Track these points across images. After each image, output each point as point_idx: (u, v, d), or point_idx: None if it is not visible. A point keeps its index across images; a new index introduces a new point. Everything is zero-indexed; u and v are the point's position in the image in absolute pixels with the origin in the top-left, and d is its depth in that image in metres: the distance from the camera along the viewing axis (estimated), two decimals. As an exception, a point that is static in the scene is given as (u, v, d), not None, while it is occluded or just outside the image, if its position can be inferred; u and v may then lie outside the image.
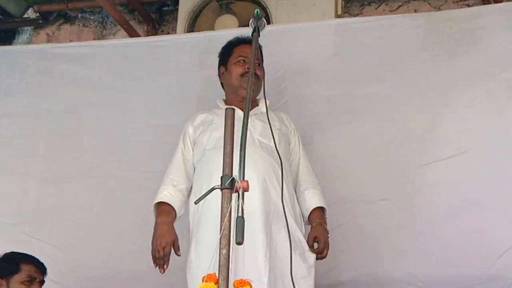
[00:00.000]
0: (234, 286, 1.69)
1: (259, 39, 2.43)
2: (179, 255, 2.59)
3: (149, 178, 3.57)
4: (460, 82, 3.40)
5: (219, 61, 3.03)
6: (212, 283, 1.64)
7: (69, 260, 3.58)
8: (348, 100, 3.51)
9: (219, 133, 2.51)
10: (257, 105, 2.90)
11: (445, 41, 3.51)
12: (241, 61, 2.88)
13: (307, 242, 2.64)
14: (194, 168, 2.79)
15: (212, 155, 2.59)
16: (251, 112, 2.75)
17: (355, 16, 4.22)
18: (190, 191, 2.76)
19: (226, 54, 2.98)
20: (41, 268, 2.94)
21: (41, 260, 2.97)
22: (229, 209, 1.67)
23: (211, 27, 4.09)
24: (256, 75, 2.77)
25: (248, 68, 2.80)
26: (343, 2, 4.03)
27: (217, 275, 1.63)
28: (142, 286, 3.43)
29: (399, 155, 3.35)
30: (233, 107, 1.94)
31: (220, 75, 3.01)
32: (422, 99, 3.43)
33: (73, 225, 3.67)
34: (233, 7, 4.12)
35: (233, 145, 1.84)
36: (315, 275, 2.60)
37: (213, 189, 1.82)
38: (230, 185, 1.72)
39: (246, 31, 2.55)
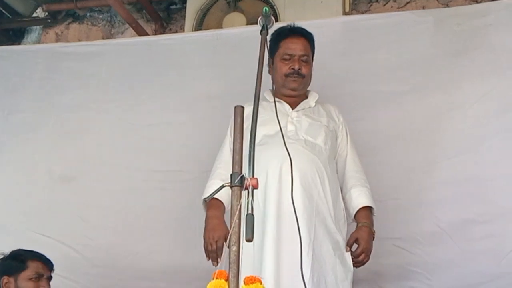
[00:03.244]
0: (244, 283, 1.69)
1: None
2: None
3: (158, 177, 3.62)
4: (469, 79, 3.39)
5: (269, 51, 2.79)
6: (223, 280, 1.65)
7: (78, 257, 3.60)
8: (355, 97, 3.50)
9: (265, 129, 2.55)
10: (306, 97, 2.87)
11: (453, 38, 3.50)
12: (287, 59, 2.78)
13: (348, 241, 2.61)
14: None
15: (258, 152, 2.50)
16: (298, 107, 2.79)
17: (363, 13, 4.21)
18: None
19: (274, 46, 2.83)
20: (48, 265, 2.95)
21: (50, 257, 2.97)
22: (238, 207, 1.68)
23: (219, 25, 4.10)
24: (300, 74, 2.76)
25: (292, 68, 2.74)
26: (350, -1, 4.04)
27: (227, 271, 1.64)
28: (154, 285, 3.46)
29: (406, 153, 3.34)
30: (242, 105, 1.91)
31: (268, 66, 2.87)
32: (429, 96, 3.42)
33: (81, 222, 3.68)
34: (241, 5, 4.13)
35: (242, 142, 1.84)
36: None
37: (222, 186, 1.83)
38: (240, 183, 1.72)
39: (255, 29, 2.53)
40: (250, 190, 1.70)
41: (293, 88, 2.80)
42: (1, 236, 3.67)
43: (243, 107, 1.90)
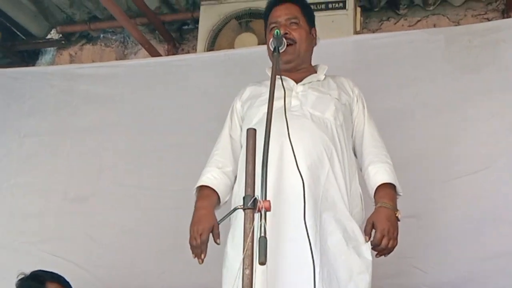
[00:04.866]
0: (257, 305, 1.69)
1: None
2: (218, 243, 2.26)
3: (170, 197, 3.61)
4: (480, 96, 3.39)
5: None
6: (236, 303, 1.64)
7: (90, 278, 3.61)
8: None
9: (266, 107, 2.03)
10: (315, 71, 2.56)
11: (464, 55, 3.50)
12: (273, 28, 2.47)
13: (364, 229, 2.24)
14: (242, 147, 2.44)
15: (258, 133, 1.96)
16: (304, 81, 2.48)
17: (374, 32, 4.22)
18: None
19: (265, 24, 2.63)
20: (66, 287, 2.96)
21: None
22: (251, 229, 1.67)
23: (231, 46, 4.12)
24: (290, 40, 2.43)
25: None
26: (361, 18, 4.03)
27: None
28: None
29: (420, 171, 3.31)
30: (254, 128, 1.88)
31: (268, 50, 2.54)
32: (442, 114, 3.42)
33: (93, 243, 3.70)
34: (252, 26, 4.14)
35: (255, 164, 1.80)
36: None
37: (235, 209, 1.83)
38: (253, 205, 1.70)
39: (265, 49, 2.55)
40: (263, 213, 1.68)
41: (287, 61, 2.45)
42: (14, 257, 3.70)
43: (255, 130, 1.85)
